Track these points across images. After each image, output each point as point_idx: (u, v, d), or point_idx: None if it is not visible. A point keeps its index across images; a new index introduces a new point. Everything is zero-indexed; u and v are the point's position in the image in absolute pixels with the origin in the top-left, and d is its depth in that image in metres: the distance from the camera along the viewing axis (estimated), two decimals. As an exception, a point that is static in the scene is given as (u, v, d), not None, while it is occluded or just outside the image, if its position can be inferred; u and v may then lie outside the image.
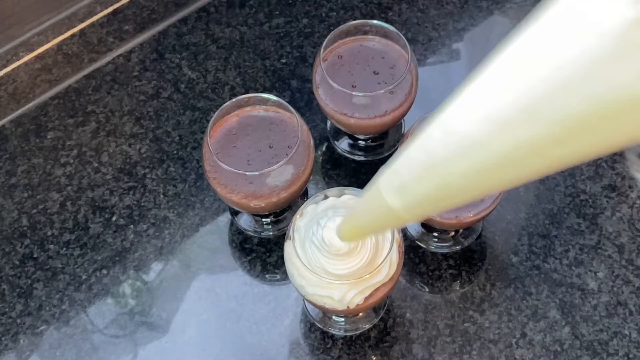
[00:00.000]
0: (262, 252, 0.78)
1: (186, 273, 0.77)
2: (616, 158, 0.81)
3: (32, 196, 0.82)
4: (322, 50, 0.75)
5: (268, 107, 0.74)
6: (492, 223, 0.79)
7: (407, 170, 0.45)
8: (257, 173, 0.69)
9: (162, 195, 0.81)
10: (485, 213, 0.70)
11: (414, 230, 0.79)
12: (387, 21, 0.91)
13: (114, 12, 0.94)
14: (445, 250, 0.77)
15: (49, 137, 0.86)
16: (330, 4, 0.94)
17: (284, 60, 0.90)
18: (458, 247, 0.77)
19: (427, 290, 0.76)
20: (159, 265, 0.78)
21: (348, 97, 0.74)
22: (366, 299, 0.64)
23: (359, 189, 0.67)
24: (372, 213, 0.50)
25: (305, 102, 0.87)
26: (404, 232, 0.79)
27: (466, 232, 0.78)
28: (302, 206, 0.67)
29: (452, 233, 0.78)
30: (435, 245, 0.78)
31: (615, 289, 0.75)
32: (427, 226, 0.78)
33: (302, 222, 0.66)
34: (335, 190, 0.68)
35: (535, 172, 0.37)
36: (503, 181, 0.40)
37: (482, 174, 0.39)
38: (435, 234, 0.78)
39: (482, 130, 0.37)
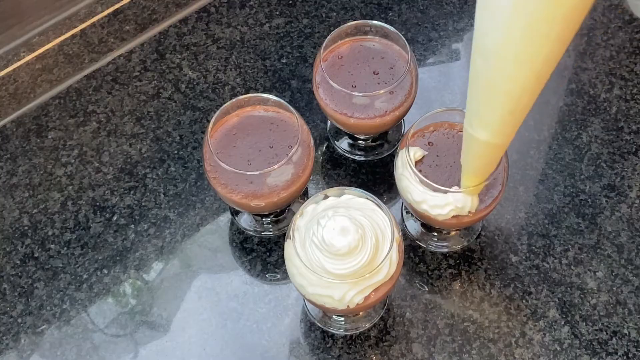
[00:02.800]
0: (263, 252, 0.78)
1: (187, 272, 0.78)
2: (615, 158, 0.82)
3: (33, 196, 0.82)
4: (322, 50, 0.75)
5: (268, 107, 0.75)
6: (492, 223, 0.79)
7: (475, 103, 0.58)
8: (258, 173, 0.69)
9: (162, 195, 0.82)
10: (485, 213, 0.70)
11: (414, 230, 0.79)
12: (387, 21, 0.91)
13: (115, 13, 0.94)
14: (445, 250, 0.77)
15: (49, 137, 0.86)
16: (330, 4, 0.94)
17: (284, 61, 0.90)
18: (458, 247, 0.78)
19: (426, 289, 0.76)
20: (160, 264, 0.78)
21: (348, 97, 0.74)
22: (366, 298, 0.65)
23: (359, 189, 0.68)
24: (475, 154, 0.63)
25: (305, 102, 0.87)
26: (404, 232, 0.79)
27: (466, 232, 0.78)
28: (302, 206, 0.67)
29: (452, 233, 0.78)
30: (435, 245, 0.78)
31: (614, 288, 0.75)
32: (427, 226, 0.78)
33: (302, 221, 0.66)
34: (335, 190, 0.68)
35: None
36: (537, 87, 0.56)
37: (521, 86, 0.54)
38: (435, 234, 0.78)
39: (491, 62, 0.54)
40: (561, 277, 0.76)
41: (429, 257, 0.77)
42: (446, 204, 0.68)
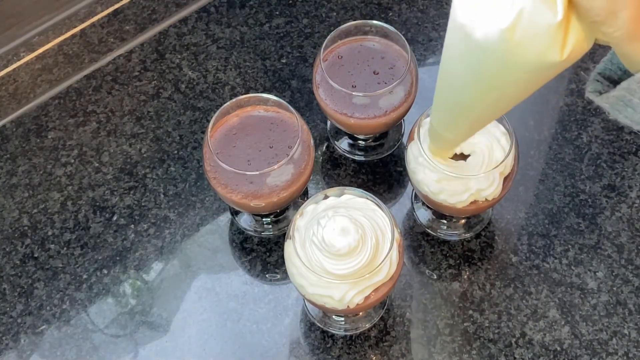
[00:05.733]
0: (263, 252, 0.78)
1: (186, 272, 0.78)
2: (616, 158, 0.82)
3: (33, 196, 0.82)
4: (322, 50, 0.75)
5: (268, 107, 0.75)
6: (492, 223, 0.79)
7: (441, 111, 0.61)
8: (258, 173, 0.69)
9: (162, 195, 0.82)
10: (501, 195, 0.70)
11: (425, 218, 0.79)
12: (387, 21, 0.91)
13: (115, 12, 0.94)
14: (455, 238, 0.78)
15: (49, 137, 0.86)
16: (330, 4, 0.94)
17: (284, 60, 0.90)
18: (468, 235, 0.78)
19: (426, 289, 0.76)
20: (160, 264, 0.78)
21: (348, 97, 0.74)
22: (366, 298, 0.65)
23: (359, 189, 0.68)
24: (441, 142, 0.66)
25: (305, 102, 0.87)
26: (414, 219, 0.79)
27: (475, 220, 0.79)
28: (302, 206, 0.67)
29: (462, 221, 0.79)
30: (444, 233, 0.78)
31: (614, 288, 0.75)
32: (438, 213, 0.78)
33: (302, 221, 0.66)
34: (335, 190, 0.68)
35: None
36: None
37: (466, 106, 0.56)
38: (445, 221, 0.78)
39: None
40: (561, 277, 0.76)
41: (429, 257, 0.77)
42: (465, 191, 0.69)
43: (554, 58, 0.44)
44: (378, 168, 0.83)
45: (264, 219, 0.80)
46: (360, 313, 0.74)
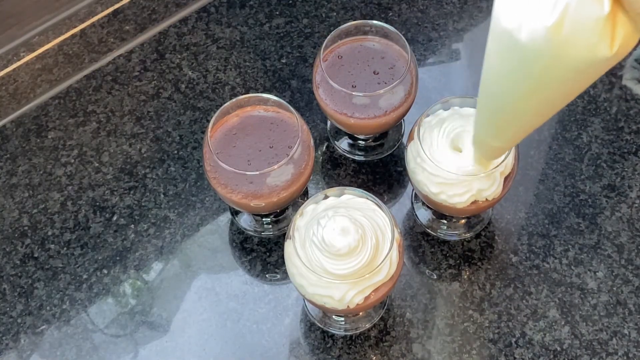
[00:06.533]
0: (263, 252, 0.78)
1: (186, 273, 0.78)
2: (616, 158, 0.82)
3: (33, 196, 0.82)
4: (322, 50, 0.75)
5: (268, 107, 0.75)
6: (492, 223, 0.79)
7: (487, 121, 0.60)
8: (258, 173, 0.69)
9: (162, 195, 0.82)
10: (501, 195, 0.70)
11: (425, 218, 0.79)
12: (387, 21, 0.91)
13: (115, 12, 0.94)
14: (455, 238, 0.78)
15: (49, 137, 0.86)
16: (330, 4, 0.94)
17: (284, 60, 0.90)
18: (468, 235, 0.78)
19: (426, 289, 0.76)
20: (160, 264, 0.78)
21: (348, 97, 0.74)
22: (366, 298, 0.65)
23: (359, 189, 0.68)
24: (488, 151, 0.65)
25: (305, 102, 0.87)
26: (414, 219, 0.79)
27: (475, 220, 0.79)
28: (302, 206, 0.67)
29: (462, 221, 0.79)
30: (444, 233, 0.78)
31: (614, 288, 0.75)
32: (437, 213, 0.78)
33: (302, 221, 0.66)
34: (335, 190, 0.68)
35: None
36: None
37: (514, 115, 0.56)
38: (445, 221, 0.78)
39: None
40: (561, 277, 0.76)
41: (429, 257, 0.77)
42: (466, 191, 0.69)
43: (604, 53, 0.43)
44: (378, 168, 0.83)
45: (264, 219, 0.80)
46: (360, 313, 0.74)
